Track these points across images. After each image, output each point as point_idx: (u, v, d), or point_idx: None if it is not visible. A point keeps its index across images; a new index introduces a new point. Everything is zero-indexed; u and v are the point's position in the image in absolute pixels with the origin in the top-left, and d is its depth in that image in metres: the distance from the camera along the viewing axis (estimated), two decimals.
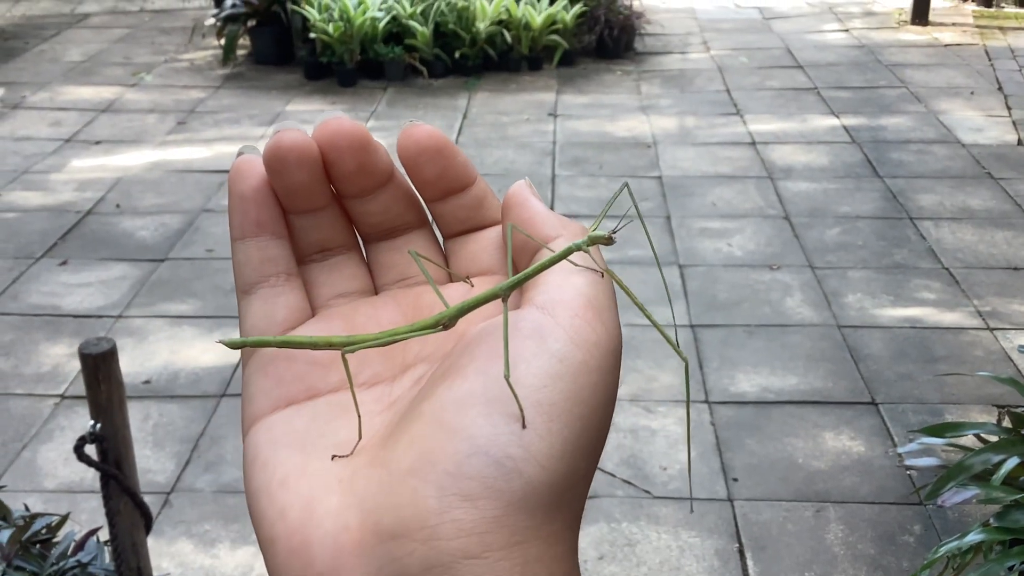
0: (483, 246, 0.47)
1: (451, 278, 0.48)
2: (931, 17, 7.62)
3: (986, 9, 7.98)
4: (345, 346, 0.43)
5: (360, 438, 0.41)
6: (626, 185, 0.49)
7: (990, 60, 6.71)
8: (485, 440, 0.37)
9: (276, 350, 0.45)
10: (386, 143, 0.43)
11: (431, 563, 0.35)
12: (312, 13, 6.24)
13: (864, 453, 2.95)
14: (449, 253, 0.48)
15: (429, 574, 0.35)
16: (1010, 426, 2.31)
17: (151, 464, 2.91)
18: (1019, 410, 2.41)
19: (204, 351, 3.46)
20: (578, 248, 0.43)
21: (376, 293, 0.48)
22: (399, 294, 0.48)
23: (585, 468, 0.39)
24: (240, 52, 6.96)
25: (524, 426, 0.37)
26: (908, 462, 2.67)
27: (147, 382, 3.30)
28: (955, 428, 2.35)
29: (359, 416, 0.41)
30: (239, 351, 0.46)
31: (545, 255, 0.43)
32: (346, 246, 0.48)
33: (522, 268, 0.45)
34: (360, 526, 0.37)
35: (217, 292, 3.87)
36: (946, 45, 7.08)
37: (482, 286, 0.46)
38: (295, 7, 6.54)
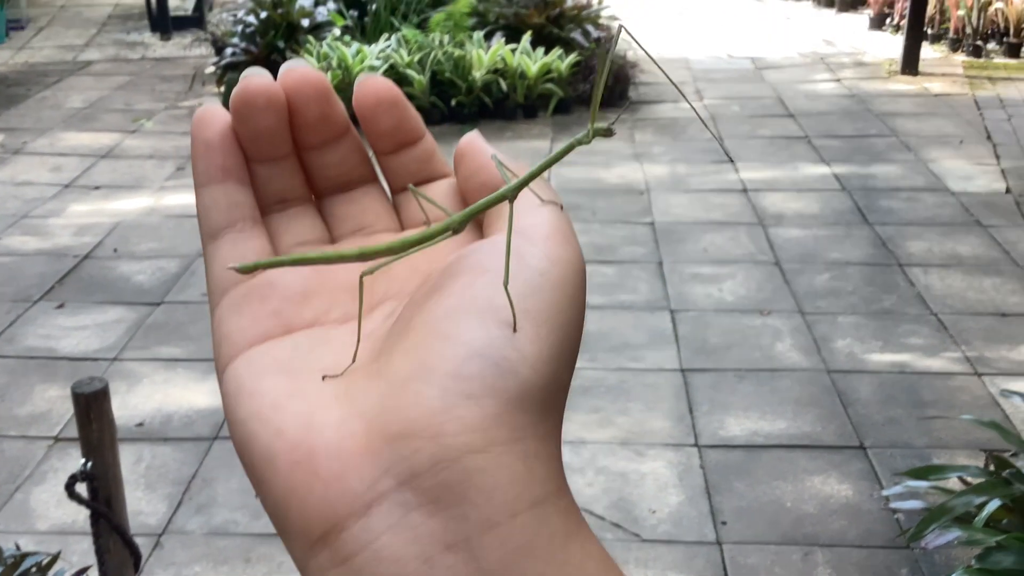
0: (435, 196, 0.49)
1: (403, 229, 0.49)
2: (921, 67, 7.73)
3: (975, 60, 8.10)
4: (359, 257, 0.45)
5: (354, 360, 0.42)
6: (621, 27, 0.50)
7: (979, 109, 6.80)
8: (481, 344, 0.38)
9: (248, 288, 0.45)
10: None
11: (439, 458, 0.36)
12: (311, 62, 6.32)
13: (852, 497, 2.97)
14: (399, 207, 0.50)
15: (437, 468, 0.36)
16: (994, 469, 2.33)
17: (143, 506, 2.93)
18: (1003, 454, 2.44)
19: (198, 394, 3.48)
20: (579, 143, 0.45)
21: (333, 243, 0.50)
22: (361, 241, 0.49)
23: (566, 376, 0.41)
24: None
25: (515, 330, 0.39)
26: (893, 505, 2.69)
27: (140, 424, 3.32)
28: (939, 471, 2.37)
29: (359, 337, 0.42)
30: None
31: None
32: (303, 198, 0.49)
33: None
34: (366, 432, 0.38)
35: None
36: (936, 95, 7.18)
37: None
38: (294, 55, 6.64)
